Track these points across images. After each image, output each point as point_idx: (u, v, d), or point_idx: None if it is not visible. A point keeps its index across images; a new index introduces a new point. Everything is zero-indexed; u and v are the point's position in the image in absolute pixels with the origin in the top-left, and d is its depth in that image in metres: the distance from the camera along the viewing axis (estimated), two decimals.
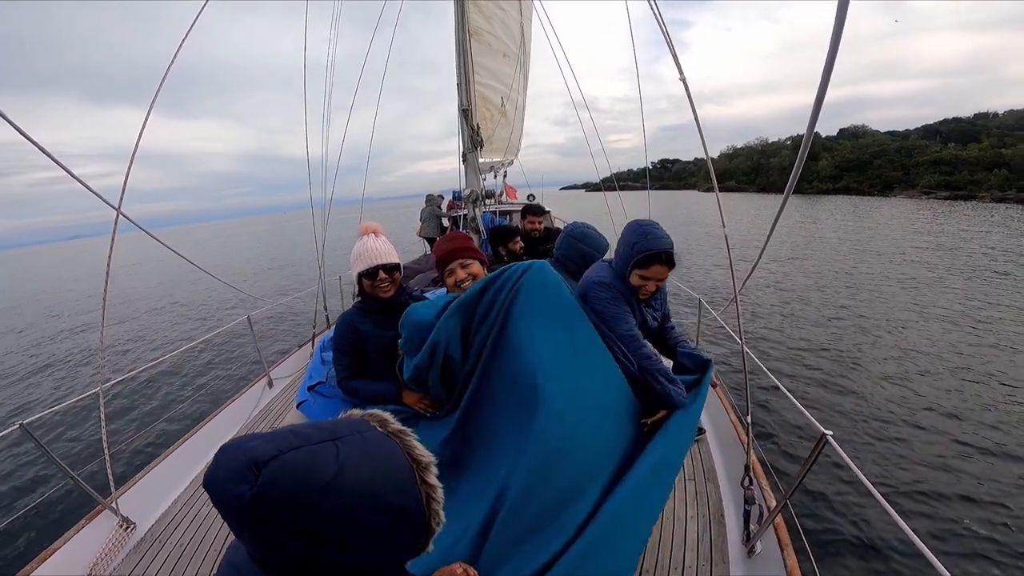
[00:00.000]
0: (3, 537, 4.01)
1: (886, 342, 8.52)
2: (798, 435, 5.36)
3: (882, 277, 13.58)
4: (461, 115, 6.04)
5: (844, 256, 17.68)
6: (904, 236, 21.54)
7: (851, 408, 6.09)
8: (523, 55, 7.76)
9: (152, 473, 3.00)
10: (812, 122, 1.34)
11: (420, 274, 4.91)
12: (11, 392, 9.47)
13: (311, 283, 6.29)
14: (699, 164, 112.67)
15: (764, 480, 2.38)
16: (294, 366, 4.94)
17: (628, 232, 1.97)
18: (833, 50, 1.15)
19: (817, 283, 13.43)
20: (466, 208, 6.81)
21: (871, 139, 68.12)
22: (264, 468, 0.58)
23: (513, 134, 8.33)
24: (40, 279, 38.72)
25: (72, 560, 2.30)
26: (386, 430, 0.72)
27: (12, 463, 5.86)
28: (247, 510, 0.57)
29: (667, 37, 2.20)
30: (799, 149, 1.35)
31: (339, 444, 0.64)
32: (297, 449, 0.61)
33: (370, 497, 0.63)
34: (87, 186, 2.34)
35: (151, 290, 21.27)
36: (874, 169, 59.35)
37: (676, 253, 1.91)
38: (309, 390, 3.32)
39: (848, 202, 47.25)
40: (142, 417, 6.88)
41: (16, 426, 2.31)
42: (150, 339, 12.41)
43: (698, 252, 19.64)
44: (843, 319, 10.00)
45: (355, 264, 2.17)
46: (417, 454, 0.71)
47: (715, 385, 3.53)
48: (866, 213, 34.91)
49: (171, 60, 2.86)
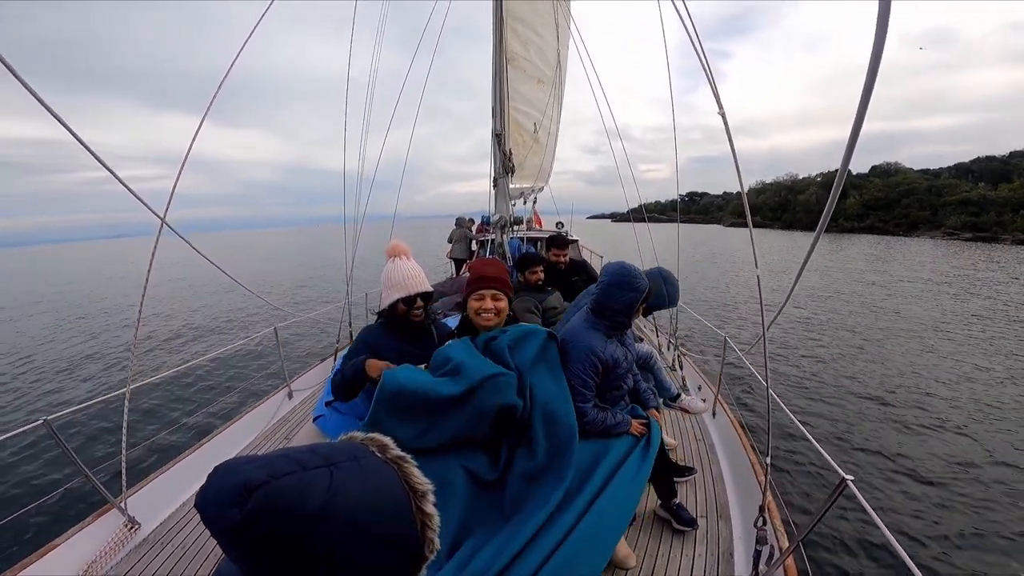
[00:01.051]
0: (15, 527, 4.13)
1: (912, 386, 8.26)
2: (816, 477, 5.23)
3: (914, 321, 13.20)
4: (494, 140, 6.13)
5: (868, 296, 17.33)
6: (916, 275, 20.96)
7: (872, 453, 5.91)
8: (558, 82, 7.87)
9: (162, 476, 3.04)
10: (846, 160, 1.31)
11: (444, 297, 4.94)
12: (39, 384, 9.81)
13: (336, 296, 6.37)
14: (727, 199, 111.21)
15: (778, 521, 2.33)
16: (314, 379, 4.99)
17: (624, 281, 2.21)
18: (868, 87, 1.13)
19: (843, 323, 13.17)
20: (494, 233, 6.87)
21: (902, 177, 66.95)
22: (255, 492, 0.58)
23: (545, 160, 8.42)
24: (85, 274, 40.19)
25: (71, 556, 2.33)
26: (385, 456, 0.71)
27: (33, 455, 6.06)
28: (236, 534, 0.58)
29: (708, 72, 2.18)
30: (829, 187, 1.33)
31: (333, 471, 0.63)
32: (289, 475, 0.61)
33: (361, 525, 0.63)
34: (134, 193, 2.41)
35: (186, 293, 21.89)
36: (901, 208, 58.38)
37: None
38: (326, 405, 3.34)
39: (870, 241, 46.66)
40: (163, 420, 7.03)
41: (40, 421, 2.37)
42: (179, 343, 12.73)
43: (723, 289, 19.35)
44: (869, 360, 9.75)
45: (393, 289, 2.20)
46: (415, 482, 0.71)
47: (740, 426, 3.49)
48: (883, 253, 34.61)
49: (226, 71, 2.98)
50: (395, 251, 2.28)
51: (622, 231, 49.47)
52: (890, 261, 29.05)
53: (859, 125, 1.21)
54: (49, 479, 5.61)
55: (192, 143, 2.82)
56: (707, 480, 2.98)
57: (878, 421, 6.82)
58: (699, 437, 3.52)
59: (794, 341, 11.32)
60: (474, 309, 2.10)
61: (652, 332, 6.26)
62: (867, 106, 1.15)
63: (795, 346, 10.91)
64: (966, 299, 16.30)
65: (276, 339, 4.58)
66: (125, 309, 19.01)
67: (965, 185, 57.17)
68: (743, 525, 2.53)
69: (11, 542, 4.25)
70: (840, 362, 9.67)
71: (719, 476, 3.03)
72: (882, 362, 9.61)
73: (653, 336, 6.08)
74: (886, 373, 8.91)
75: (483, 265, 2.19)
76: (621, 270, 2.20)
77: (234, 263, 38.96)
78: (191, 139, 2.82)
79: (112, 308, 19.70)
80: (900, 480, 5.32)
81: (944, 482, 5.26)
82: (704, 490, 2.89)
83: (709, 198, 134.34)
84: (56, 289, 29.48)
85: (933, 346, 10.76)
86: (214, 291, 21.57)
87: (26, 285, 34.41)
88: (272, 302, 4.69)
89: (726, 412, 3.68)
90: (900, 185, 62.20)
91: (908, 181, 62.88)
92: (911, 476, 5.39)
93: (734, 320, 13.81)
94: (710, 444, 3.43)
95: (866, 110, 1.16)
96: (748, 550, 2.25)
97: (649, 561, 2.29)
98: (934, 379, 8.56)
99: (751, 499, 2.64)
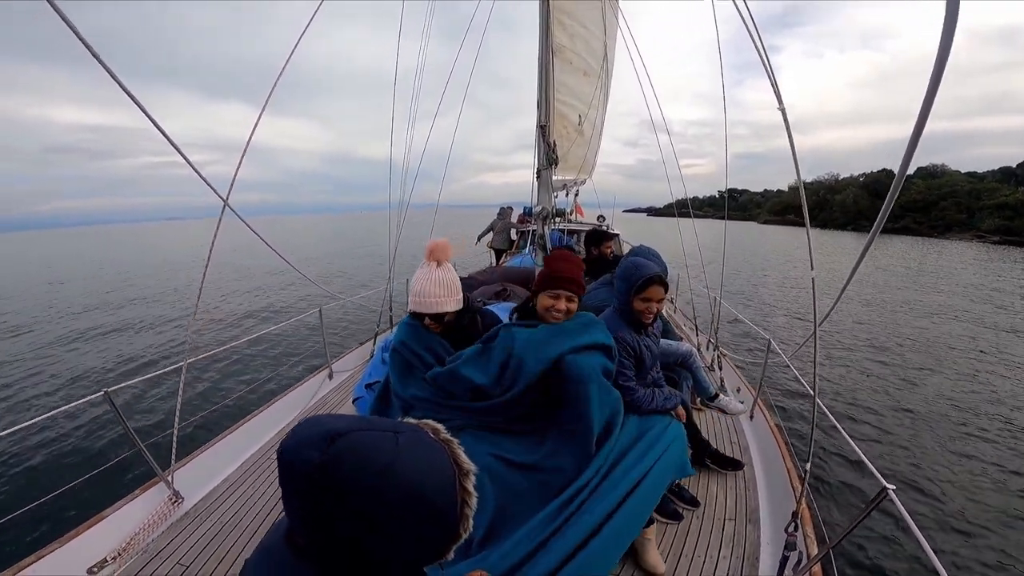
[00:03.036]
0: (74, 495, 4.38)
1: (966, 394, 7.89)
2: (850, 485, 5.10)
3: (970, 323, 12.53)
4: (539, 131, 6.12)
5: (915, 297, 16.72)
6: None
7: (912, 465, 5.69)
8: (604, 74, 7.78)
9: (207, 451, 3.09)
10: (906, 160, 1.26)
11: (484, 286, 4.99)
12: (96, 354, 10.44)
13: (377, 281, 6.50)
14: (767, 196, 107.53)
15: (810, 528, 2.28)
16: (355, 361, 5.11)
17: (624, 269, 2.41)
18: (933, 87, 1.09)
19: (890, 326, 12.69)
20: (535, 224, 6.88)
21: (946, 179, 64.27)
22: (338, 440, 0.65)
23: (589, 153, 8.36)
24: (153, 253, 42.22)
25: (118, 527, 2.38)
26: (437, 437, 0.77)
27: (86, 425, 6.43)
28: (313, 477, 0.63)
29: (768, 66, 2.09)
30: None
31: (399, 437, 0.70)
32: (364, 431, 0.68)
33: (419, 490, 0.68)
34: (204, 178, 2.52)
35: (238, 272, 22.78)
36: (938, 211, 56.71)
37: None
38: (366, 388, 3.44)
39: (901, 242, 45.34)
40: (209, 397, 7.36)
41: (101, 392, 2.42)
42: (229, 321, 13.26)
43: (766, 289, 18.80)
44: (916, 366, 9.35)
45: (410, 299, 2.21)
46: (461, 461, 0.76)
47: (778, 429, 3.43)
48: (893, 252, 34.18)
49: (285, 63, 3.06)
50: (431, 254, 2.20)
51: (659, 225, 48.80)
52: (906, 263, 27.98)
53: (922, 125, 1.17)
54: (99, 449, 5.92)
55: (252, 133, 2.94)
56: (739, 483, 2.91)
57: (924, 432, 6.55)
58: (734, 440, 3.45)
59: (841, 345, 10.91)
60: (544, 306, 2.09)
61: (692, 332, 6.17)
62: (931, 106, 1.12)
63: (842, 349, 10.52)
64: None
65: (320, 321, 4.71)
66: (176, 291, 19.81)
67: (1006, 189, 55.21)
68: (772, 530, 2.48)
69: (67, 507, 4.39)
70: (887, 367, 9.32)
71: (751, 480, 2.96)
72: (931, 370, 9.22)
73: (693, 336, 5.99)
74: (933, 382, 8.53)
75: (562, 262, 2.14)
76: (629, 261, 2.46)
77: (283, 246, 40.09)
78: (251, 130, 2.93)
79: (170, 289, 20.65)
80: (942, 495, 5.10)
81: (992, 502, 5.01)
82: (735, 492, 2.82)
83: (748, 195, 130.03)
84: (127, 268, 31.05)
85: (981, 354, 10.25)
86: (263, 273, 22.33)
87: (100, 262, 36.42)
88: (319, 285, 4.82)
89: (764, 415, 3.61)
90: (942, 187, 60.25)
91: (950, 184, 60.79)
92: (956, 490, 5.17)
93: (775, 320, 13.41)
94: (744, 446, 3.36)
95: (930, 110, 1.13)
96: (776, 555, 2.20)
97: (672, 560, 2.27)
98: (990, 390, 8.13)
99: (782, 504, 2.59)
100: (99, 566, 2.18)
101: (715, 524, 2.53)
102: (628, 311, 2.39)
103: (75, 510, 4.45)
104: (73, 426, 6.42)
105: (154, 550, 2.35)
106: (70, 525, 2.30)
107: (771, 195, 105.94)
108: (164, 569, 2.23)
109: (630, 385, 2.26)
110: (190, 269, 26.70)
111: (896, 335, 11.91)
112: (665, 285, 2.36)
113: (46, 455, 5.82)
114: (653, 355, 2.49)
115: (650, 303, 2.34)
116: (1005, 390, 8.22)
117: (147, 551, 2.34)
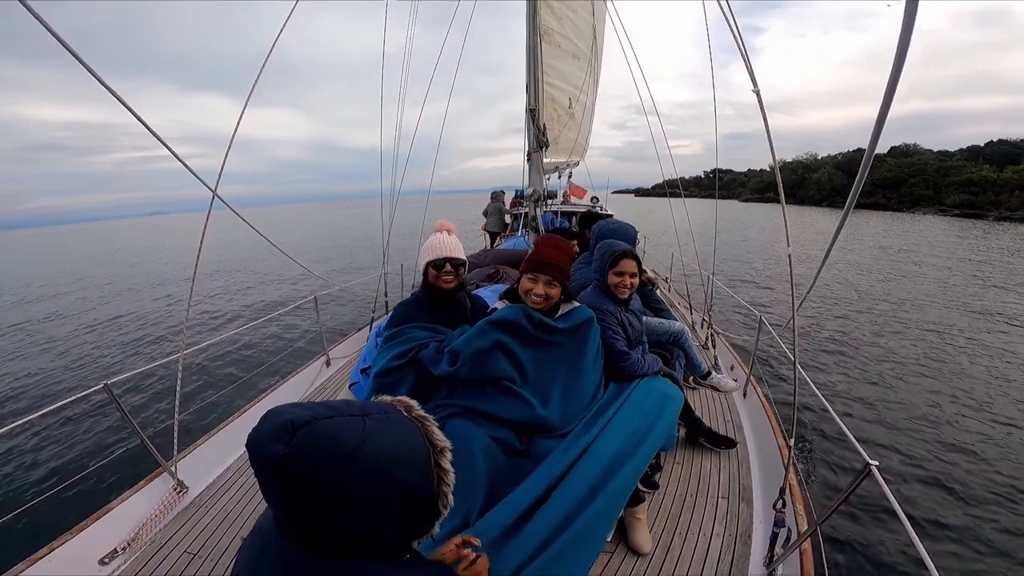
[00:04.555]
0: (81, 485, 4.36)
1: (951, 368, 7.99)
2: (842, 461, 5.14)
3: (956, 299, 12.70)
4: (528, 115, 6.10)
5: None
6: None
7: (902, 441, 5.75)
8: (594, 57, 7.74)
9: (209, 441, 3.11)
10: (874, 139, 1.28)
11: (477, 268, 5.01)
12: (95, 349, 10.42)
13: (372, 269, 6.50)
14: (749, 176, 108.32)
15: (800, 504, 2.30)
16: (352, 347, 5.13)
17: (599, 246, 2.58)
18: (898, 65, 1.11)
19: (879, 301, 12.81)
20: (527, 207, 6.90)
21: (916, 158, 67.09)
22: (300, 430, 0.65)
23: (580, 135, 8.33)
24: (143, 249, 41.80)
25: (124, 518, 2.41)
26: (410, 415, 0.78)
27: (86, 419, 6.43)
28: (279, 468, 0.64)
29: (742, 48, 2.14)
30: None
31: (366, 420, 0.70)
32: (329, 418, 0.68)
33: (387, 471, 0.68)
34: (191, 170, 2.51)
35: (229, 264, 22.58)
36: (907, 187, 59.46)
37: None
38: (361, 373, 3.48)
39: (871, 217, 47.00)
40: (209, 386, 7.38)
41: (101, 385, 2.44)
42: (224, 311, 13.22)
43: (756, 266, 18.93)
44: (904, 340, 9.45)
45: (424, 255, 2.31)
46: (435, 438, 0.77)
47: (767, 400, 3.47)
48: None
49: (268, 52, 3.02)
50: (441, 227, 2.40)
51: (647, 205, 50.76)
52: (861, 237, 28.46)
53: (887, 106, 1.20)
54: (103, 442, 5.93)
55: (237, 125, 2.94)
56: (732, 461, 2.90)
57: (917, 406, 6.61)
58: (728, 418, 3.43)
59: (834, 321, 10.98)
60: (524, 289, 2.11)
61: (686, 310, 6.22)
62: (895, 87, 1.14)
63: (835, 326, 10.59)
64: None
65: (316, 307, 4.70)
66: (169, 283, 19.71)
67: (972, 167, 58.23)
68: (764, 508, 2.47)
69: (74, 499, 4.41)
70: (880, 342, 9.37)
71: (744, 457, 2.94)
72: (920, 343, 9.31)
73: (687, 314, 6.04)
74: (926, 356, 8.60)
75: (546, 248, 2.14)
76: (599, 245, 2.62)
77: (274, 236, 39.86)
78: (237, 121, 2.94)
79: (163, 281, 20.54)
80: (935, 470, 5.15)
81: (977, 474, 5.08)
82: (728, 470, 2.81)
83: (733, 175, 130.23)
84: (116, 264, 30.76)
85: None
86: (252, 263, 22.19)
87: (87, 260, 36.06)
88: (313, 271, 4.82)
89: (757, 393, 3.60)
90: (913, 165, 62.93)
91: (921, 162, 63.57)
92: (947, 465, 5.23)
93: (767, 299, 13.47)
94: (738, 424, 3.35)
95: (894, 91, 1.15)
96: (767, 532, 2.19)
97: (665, 539, 2.26)
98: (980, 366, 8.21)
99: (776, 481, 2.55)
100: (109, 557, 2.22)
101: (708, 502, 2.53)
102: (606, 286, 2.51)
103: (82, 502, 4.48)
104: (74, 420, 6.44)
105: (162, 539, 2.39)
106: (78, 517, 2.33)
107: (754, 174, 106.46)
108: (173, 557, 2.27)
109: (624, 350, 2.32)
110: (185, 269, 26.59)
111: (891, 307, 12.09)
112: (635, 258, 2.50)
113: (49, 449, 5.84)
114: (636, 330, 2.57)
115: (623, 276, 2.47)
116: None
117: (155, 541, 2.38)
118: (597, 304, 2.40)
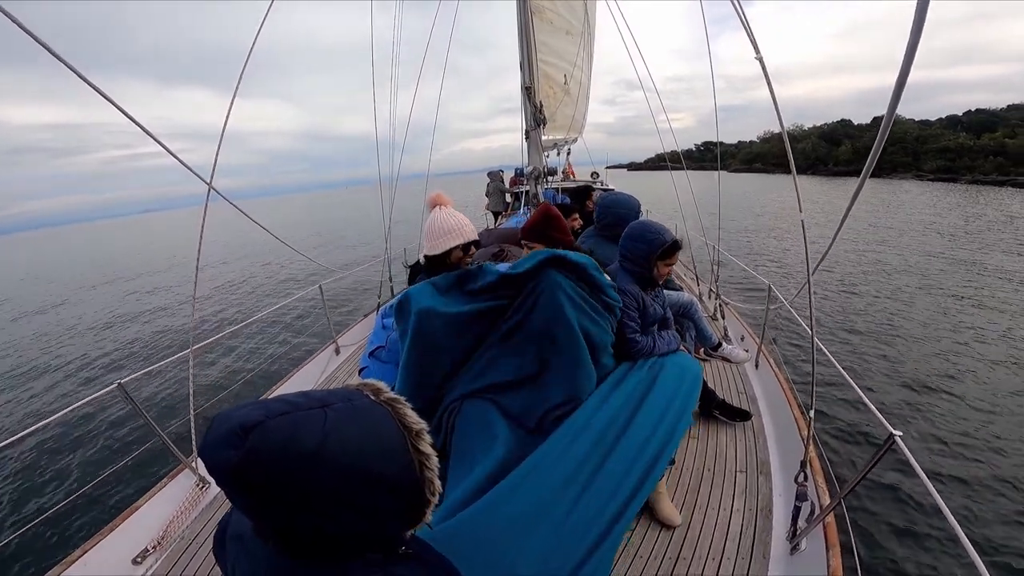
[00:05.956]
0: (103, 488, 4.37)
1: (971, 335, 7.87)
2: (862, 433, 5.09)
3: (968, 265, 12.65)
4: (524, 93, 6.02)
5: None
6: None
7: (923, 410, 5.68)
8: (587, 32, 7.62)
9: None
10: (892, 107, 1.25)
11: (481, 248, 4.99)
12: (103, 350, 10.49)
13: (374, 256, 6.47)
14: (739, 147, 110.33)
15: (821, 477, 2.26)
16: (360, 334, 5.10)
17: (638, 232, 2.36)
18: (916, 32, 1.08)
19: (898, 268, 12.66)
20: (528, 184, 6.86)
21: (898, 127, 68.86)
22: (251, 433, 0.58)
23: (577, 112, 8.25)
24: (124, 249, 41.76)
25: (151, 518, 2.42)
26: (378, 398, 0.71)
27: (102, 419, 6.49)
28: (237, 476, 0.58)
29: (742, 16, 2.09)
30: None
31: (327, 411, 0.64)
32: (284, 415, 0.61)
33: (357, 465, 0.62)
34: (185, 164, 2.49)
35: (228, 257, 22.66)
36: (887, 155, 60.98)
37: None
38: (370, 356, 3.49)
39: (852, 183, 47.47)
40: (220, 379, 7.46)
41: (114, 385, 2.42)
42: (230, 305, 13.29)
43: (761, 236, 18.87)
44: (922, 311, 9.36)
45: (448, 236, 2.16)
46: (409, 421, 0.70)
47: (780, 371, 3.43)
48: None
49: (252, 43, 2.98)
50: (436, 201, 2.24)
51: (641, 178, 51.98)
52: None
53: (906, 73, 1.17)
54: (119, 441, 6.00)
55: (227, 119, 2.92)
56: (748, 434, 2.85)
57: (936, 375, 6.52)
58: (741, 389, 3.38)
59: (847, 289, 10.93)
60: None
61: (693, 281, 6.16)
62: (914, 54, 1.11)
63: (849, 294, 10.54)
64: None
65: (322, 296, 4.68)
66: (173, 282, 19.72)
67: (950, 134, 61.28)
68: (784, 481, 2.44)
69: (100, 500, 4.52)
70: (896, 311, 9.29)
71: (760, 430, 2.89)
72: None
73: (694, 285, 5.98)
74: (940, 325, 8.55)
75: (532, 216, 2.21)
76: (636, 224, 2.45)
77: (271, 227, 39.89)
78: (226, 114, 2.92)
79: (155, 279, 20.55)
80: (958, 439, 5.05)
81: (1007, 441, 4.99)
82: (745, 443, 2.76)
83: (724, 147, 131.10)
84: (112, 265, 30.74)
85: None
86: (253, 252, 22.20)
87: (84, 263, 36.02)
88: (315, 259, 4.79)
89: (769, 364, 3.55)
90: (894, 134, 64.83)
91: (902, 131, 65.97)
92: (963, 435, 5.14)
93: (775, 268, 13.41)
94: (752, 396, 3.30)
95: (913, 58, 1.12)
96: (788, 506, 2.16)
97: (686, 514, 2.25)
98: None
99: (793, 454, 2.53)
100: (141, 556, 2.24)
101: (727, 477, 2.50)
102: (644, 272, 2.37)
103: (109, 503, 4.54)
104: (90, 421, 6.49)
105: (190, 536, 2.41)
106: (107, 518, 2.37)
107: (743, 146, 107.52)
108: (202, 554, 2.29)
109: (633, 337, 2.27)
110: (185, 266, 26.57)
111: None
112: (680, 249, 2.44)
113: (69, 452, 5.91)
114: (656, 312, 2.49)
115: (671, 266, 2.43)
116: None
117: (184, 537, 2.40)
118: (622, 286, 2.32)
